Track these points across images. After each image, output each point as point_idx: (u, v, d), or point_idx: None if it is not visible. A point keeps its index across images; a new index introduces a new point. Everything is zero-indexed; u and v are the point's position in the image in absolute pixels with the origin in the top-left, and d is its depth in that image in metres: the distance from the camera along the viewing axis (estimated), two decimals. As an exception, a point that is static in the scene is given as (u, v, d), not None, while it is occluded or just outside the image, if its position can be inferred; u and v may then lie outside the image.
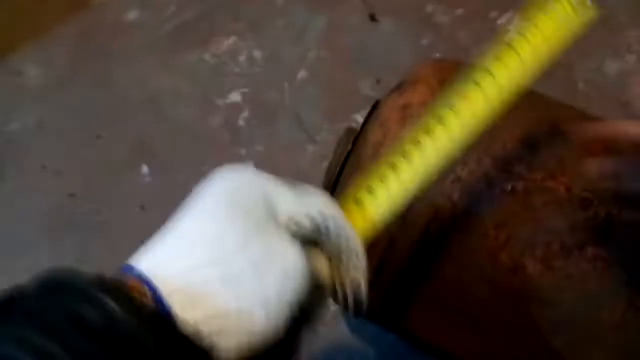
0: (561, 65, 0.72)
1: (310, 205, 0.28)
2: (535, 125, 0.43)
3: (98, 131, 0.73)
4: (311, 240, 0.28)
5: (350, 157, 0.48)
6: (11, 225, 0.69)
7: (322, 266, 0.29)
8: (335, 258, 0.29)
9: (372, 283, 0.31)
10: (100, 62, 0.77)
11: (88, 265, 0.69)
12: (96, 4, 0.79)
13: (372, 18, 0.75)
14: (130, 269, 0.26)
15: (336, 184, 0.49)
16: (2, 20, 0.78)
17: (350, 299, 0.29)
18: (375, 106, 0.50)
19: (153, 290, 0.24)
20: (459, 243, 0.41)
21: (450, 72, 0.46)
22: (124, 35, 0.78)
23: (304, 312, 0.27)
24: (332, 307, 0.50)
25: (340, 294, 0.29)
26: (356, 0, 0.76)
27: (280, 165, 0.71)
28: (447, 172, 0.40)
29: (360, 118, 0.71)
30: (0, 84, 0.75)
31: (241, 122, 0.73)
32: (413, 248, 0.41)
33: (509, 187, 0.41)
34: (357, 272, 0.29)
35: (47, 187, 0.71)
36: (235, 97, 0.74)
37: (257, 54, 0.75)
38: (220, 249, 0.25)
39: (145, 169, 0.72)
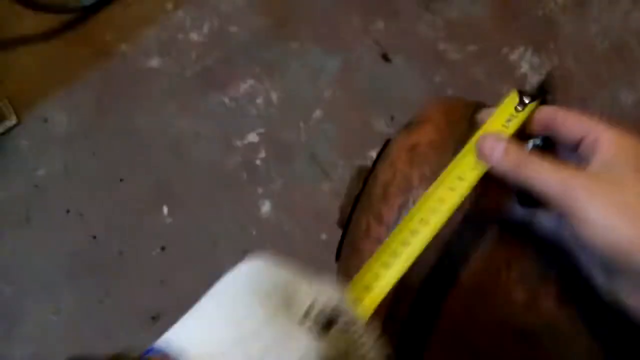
0: (576, 98, 0.72)
1: (325, 298, 0.30)
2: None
3: (121, 174, 0.76)
4: (324, 329, 0.30)
5: (362, 196, 0.48)
6: (35, 268, 0.71)
7: (335, 356, 0.30)
8: (346, 351, 0.30)
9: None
10: (123, 108, 0.79)
11: (110, 306, 0.71)
12: (119, 52, 0.83)
13: (385, 58, 0.77)
14: (152, 350, 0.27)
15: (348, 223, 0.50)
16: (31, 69, 0.82)
17: None
18: (386, 145, 0.51)
19: None
20: (471, 281, 0.41)
21: (458, 111, 0.47)
22: (146, 82, 0.81)
23: None
24: None
25: None
26: (369, 41, 0.78)
27: (297, 203, 0.72)
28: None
29: (374, 155, 0.72)
30: (29, 130, 0.78)
31: (258, 162, 0.74)
32: (423, 289, 0.41)
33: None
34: None
35: (70, 230, 0.73)
36: (252, 137, 0.75)
37: (274, 95, 0.77)
38: (238, 333, 0.27)
39: (166, 210, 0.73)
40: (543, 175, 0.31)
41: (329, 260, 0.69)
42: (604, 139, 0.32)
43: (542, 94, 0.39)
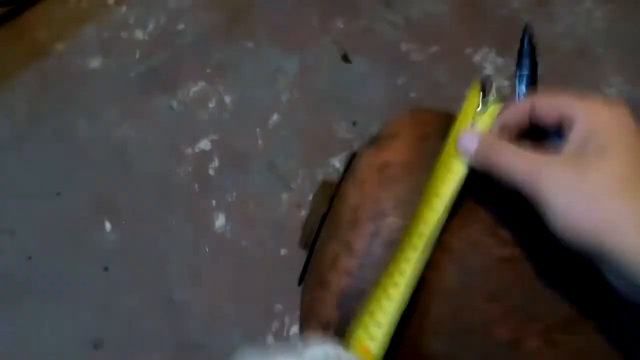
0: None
1: None
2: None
3: (58, 187, 0.69)
4: None
5: (328, 218, 0.44)
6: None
7: None
8: None
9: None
10: (60, 113, 0.72)
11: (48, 333, 0.64)
12: (56, 51, 0.75)
13: (345, 59, 0.73)
14: None
15: (313, 246, 0.45)
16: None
17: None
18: (352, 159, 0.47)
19: None
20: (451, 319, 0.38)
21: (430, 125, 0.43)
22: (86, 84, 0.73)
23: None
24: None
25: None
26: (328, 41, 0.74)
27: (254, 216, 0.67)
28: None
29: (337, 162, 0.68)
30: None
31: (211, 171, 0.69)
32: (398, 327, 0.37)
33: (500, 254, 0.38)
34: None
35: (1, 250, 0.66)
36: (204, 145, 0.70)
37: (227, 99, 0.72)
38: None
39: (108, 226, 0.67)
40: (509, 162, 0.31)
41: (290, 279, 0.65)
42: (577, 117, 0.31)
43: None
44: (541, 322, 0.37)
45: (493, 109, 0.39)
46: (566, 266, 0.37)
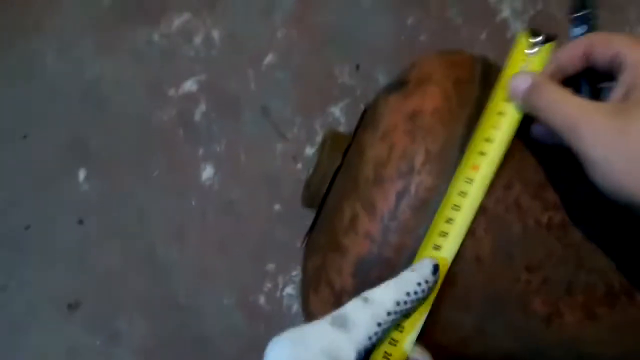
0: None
1: (361, 341, 0.29)
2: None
3: (24, 129, 0.61)
4: None
5: (342, 172, 0.38)
6: None
7: None
8: None
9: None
10: (26, 46, 0.64)
11: (16, 292, 0.58)
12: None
13: (350, -7, 0.65)
14: None
15: (322, 204, 0.40)
16: None
17: None
18: (368, 108, 0.41)
19: None
20: (483, 289, 0.33)
21: (466, 69, 0.37)
22: (55, 13, 0.64)
23: None
24: None
25: None
26: (332, -28, 0.66)
27: (245, 168, 0.60)
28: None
29: (337, 111, 0.62)
30: None
31: (197, 117, 0.62)
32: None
33: (545, 219, 0.33)
34: None
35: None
36: (190, 86, 0.62)
37: (216, 34, 0.64)
38: None
39: (82, 174, 0.60)
40: (552, 104, 0.30)
41: (284, 236, 0.59)
42: (627, 61, 0.29)
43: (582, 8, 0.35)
44: (583, 294, 0.33)
45: (546, 50, 0.34)
46: (614, 235, 0.33)
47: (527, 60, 0.34)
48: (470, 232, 0.32)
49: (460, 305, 0.33)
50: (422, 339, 0.32)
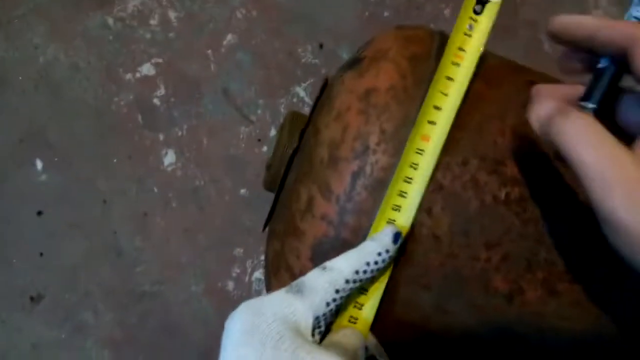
0: (525, 23, 0.64)
1: (318, 306, 0.29)
2: (525, 110, 0.34)
3: (-26, 119, 0.59)
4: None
5: (299, 155, 0.37)
6: None
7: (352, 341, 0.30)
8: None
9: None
10: (-30, 30, 0.61)
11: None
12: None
13: (310, -31, 0.63)
14: None
15: (281, 187, 0.39)
16: None
17: None
18: (325, 86, 0.40)
19: None
20: (442, 267, 0.32)
21: (421, 44, 0.36)
22: (1, -5, 0.62)
23: None
24: None
25: None
26: (290, -52, 0.64)
27: (208, 152, 0.59)
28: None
29: (302, 92, 0.61)
30: None
31: (156, 101, 0.60)
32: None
33: (503, 195, 0.32)
34: None
35: None
36: (147, 69, 0.61)
37: (172, 15, 0.62)
38: None
39: (39, 164, 0.58)
40: (576, 143, 0.24)
41: (250, 220, 0.58)
42: None
43: None
44: (543, 270, 0.33)
45: (492, 7, 0.33)
46: (572, 210, 0.33)
47: (474, 18, 0.33)
48: (427, 211, 0.32)
49: (419, 284, 0.33)
50: (382, 319, 0.32)
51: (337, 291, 0.29)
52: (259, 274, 0.58)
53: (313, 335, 0.28)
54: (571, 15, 0.28)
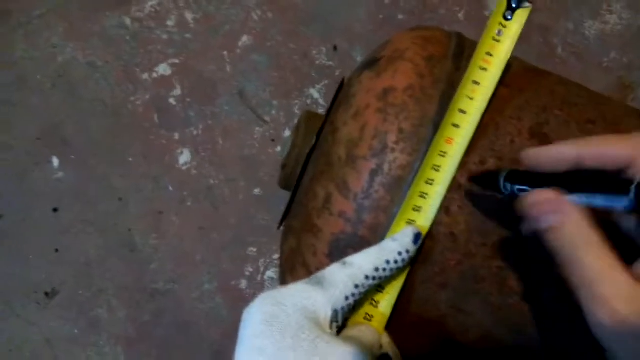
0: (538, 27, 0.64)
1: (337, 300, 0.29)
2: (544, 112, 0.35)
3: (-7, 117, 0.60)
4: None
5: (316, 154, 0.38)
6: None
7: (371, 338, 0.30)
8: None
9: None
10: (-9, 29, 0.62)
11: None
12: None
13: (326, -28, 0.64)
14: None
15: (298, 186, 0.39)
16: None
17: None
18: (342, 86, 0.40)
19: None
20: (459, 266, 0.33)
21: (439, 45, 0.36)
22: (21, -4, 0.63)
23: None
24: None
25: None
26: (305, -49, 0.64)
27: (223, 152, 0.60)
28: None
29: (316, 93, 0.61)
30: None
31: (172, 101, 0.61)
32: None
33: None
34: None
35: None
36: (164, 70, 0.61)
37: (189, 16, 0.63)
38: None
39: (56, 162, 0.59)
40: (571, 253, 0.25)
41: (264, 220, 0.59)
42: None
43: None
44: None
45: (522, 14, 0.33)
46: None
47: (504, 24, 0.34)
48: (445, 209, 0.32)
49: (436, 283, 0.33)
50: (398, 317, 0.32)
51: (356, 286, 0.29)
52: (271, 272, 0.58)
53: (331, 328, 0.28)
54: (547, 148, 0.28)
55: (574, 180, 0.27)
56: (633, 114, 0.38)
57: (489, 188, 0.30)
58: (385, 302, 0.32)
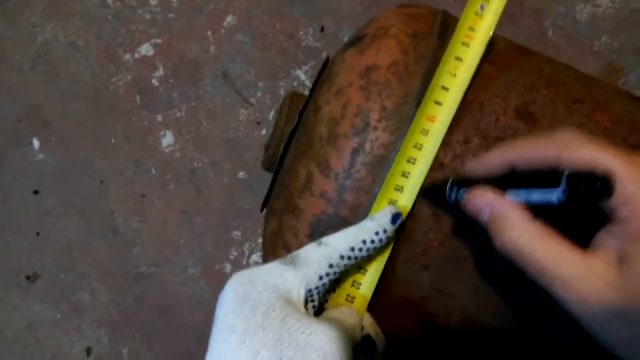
0: (529, 10, 0.63)
1: (310, 279, 0.29)
2: (531, 91, 0.34)
3: (-29, 97, 0.58)
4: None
5: (298, 134, 0.37)
6: None
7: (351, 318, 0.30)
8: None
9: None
10: (-32, 7, 0.60)
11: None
12: None
13: (312, -49, 0.63)
14: None
15: (279, 167, 0.39)
16: None
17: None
18: (326, 64, 0.39)
19: None
20: (440, 247, 0.32)
21: (423, 21, 0.35)
22: (-2, -28, 0.61)
23: None
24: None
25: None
26: None
27: (206, 134, 0.59)
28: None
29: (302, 75, 0.60)
30: None
31: (155, 82, 0.59)
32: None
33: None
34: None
35: None
36: (146, 50, 0.60)
37: (173, -5, 0.61)
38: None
39: (36, 143, 0.58)
40: (521, 245, 0.25)
41: (249, 203, 0.58)
42: (626, 192, 0.23)
43: None
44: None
45: None
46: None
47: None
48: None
49: (418, 264, 0.32)
50: (380, 298, 0.32)
51: (330, 265, 0.29)
52: (256, 256, 0.58)
53: (306, 308, 0.28)
54: (480, 158, 0.28)
55: (511, 180, 0.27)
56: (623, 94, 0.37)
57: (437, 201, 0.31)
58: (367, 283, 0.32)
